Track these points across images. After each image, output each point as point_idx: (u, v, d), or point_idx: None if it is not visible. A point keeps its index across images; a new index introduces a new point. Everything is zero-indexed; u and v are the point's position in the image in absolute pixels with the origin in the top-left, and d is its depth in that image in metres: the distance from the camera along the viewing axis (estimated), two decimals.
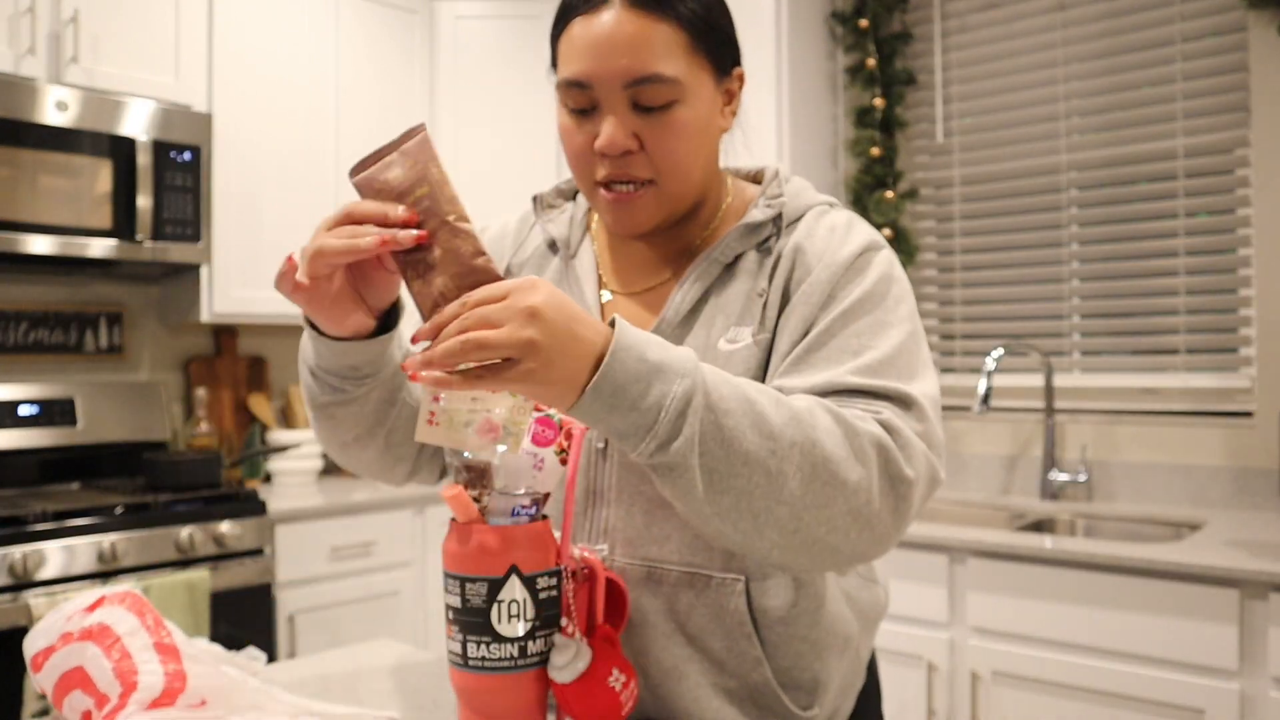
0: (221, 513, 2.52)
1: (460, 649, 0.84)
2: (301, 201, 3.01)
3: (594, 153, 0.96)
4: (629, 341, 0.78)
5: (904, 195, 3.04)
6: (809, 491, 0.80)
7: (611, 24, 0.91)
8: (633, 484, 0.97)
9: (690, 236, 1.06)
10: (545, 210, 1.14)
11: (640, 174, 0.95)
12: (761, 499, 0.79)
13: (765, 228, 1.01)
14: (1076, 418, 2.77)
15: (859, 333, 0.91)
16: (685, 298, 1.00)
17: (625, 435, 0.78)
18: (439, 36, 3.35)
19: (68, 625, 0.97)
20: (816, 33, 3.11)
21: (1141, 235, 2.72)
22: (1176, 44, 2.65)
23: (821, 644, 0.99)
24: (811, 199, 1.05)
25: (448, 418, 0.91)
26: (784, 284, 0.98)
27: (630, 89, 0.92)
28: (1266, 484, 2.46)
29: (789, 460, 0.79)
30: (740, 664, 0.96)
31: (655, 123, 0.94)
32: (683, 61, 0.93)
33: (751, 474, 0.78)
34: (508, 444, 0.89)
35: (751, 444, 0.78)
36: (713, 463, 0.78)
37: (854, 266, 0.96)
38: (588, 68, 0.93)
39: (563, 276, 1.09)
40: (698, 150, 0.97)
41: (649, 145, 0.94)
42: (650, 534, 0.97)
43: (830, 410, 0.83)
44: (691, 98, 0.95)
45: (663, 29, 0.92)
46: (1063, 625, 2.10)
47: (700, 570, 0.95)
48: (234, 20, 2.85)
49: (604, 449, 0.99)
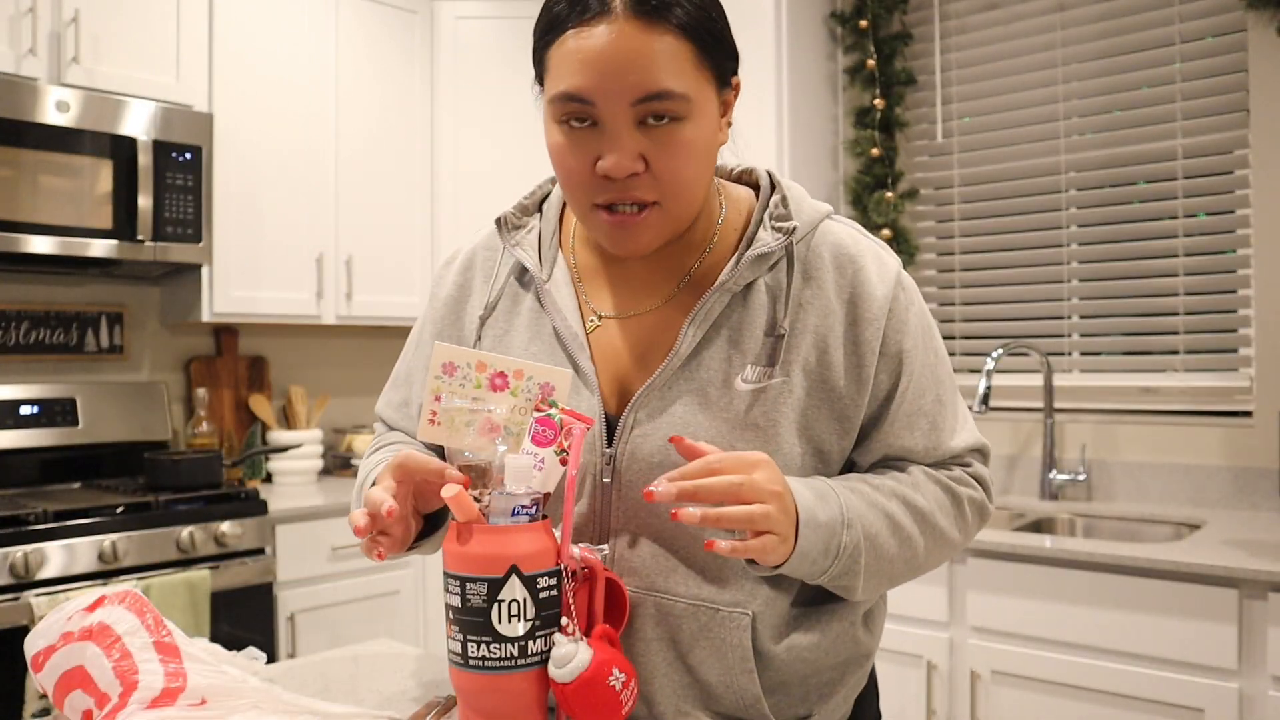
0: (222, 512, 2.52)
1: (460, 649, 0.85)
2: (302, 201, 3.01)
3: (594, 174, 0.90)
4: (806, 513, 0.89)
5: (904, 195, 3.04)
6: (930, 560, 1.01)
7: (616, 37, 0.86)
8: (640, 517, 0.96)
9: (685, 255, 1.01)
10: (511, 232, 1.06)
11: (646, 196, 0.91)
12: (901, 576, 0.99)
13: (775, 254, 0.98)
14: (1076, 418, 2.77)
15: (922, 390, 1.01)
16: (697, 331, 0.95)
17: (810, 576, 0.92)
18: (439, 36, 3.35)
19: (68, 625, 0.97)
20: (816, 33, 3.11)
21: (1141, 235, 2.72)
22: (1176, 44, 2.65)
23: (824, 678, 1.00)
24: (813, 214, 1.01)
25: (449, 418, 0.91)
26: (808, 325, 0.96)
27: (638, 106, 0.87)
28: (1266, 484, 2.46)
29: (920, 546, 0.98)
30: (739, 700, 0.96)
31: (661, 142, 0.89)
32: (689, 76, 0.89)
33: (894, 568, 0.97)
34: (508, 444, 0.90)
35: (894, 550, 0.96)
36: (871, 572, 0.95)
37: (893, 313, 0.98)
38: (590, 83, 0.87)
39: (538, 309, 1.03)
40: (702, 169, 0.93)
41: (655, 166, 0.89)
42: (657, 566, 0.95)
43: (939, 483, 1.01)
44: (698, 114, 0.90)
45: (668, 41, 0.87)
46: (1062, 625, 2.10)
47: (706, 604, 0.95)
48: (234, 20, 2.85)
49: (610, 483, 0.96)
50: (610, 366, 1.00)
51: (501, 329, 1.05)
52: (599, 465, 0.96)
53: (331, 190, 3.09)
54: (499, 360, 0.92)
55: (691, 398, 0.95)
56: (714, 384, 0.95)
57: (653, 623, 0.96)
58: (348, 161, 3.13)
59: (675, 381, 0.96)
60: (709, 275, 1.00)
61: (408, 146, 3.30)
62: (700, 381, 0.95)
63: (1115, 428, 2.70)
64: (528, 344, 1.02)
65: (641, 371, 0.98)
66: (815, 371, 0.96)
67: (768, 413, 0.94)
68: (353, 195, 3.15)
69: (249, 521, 2.55)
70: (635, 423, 0.95)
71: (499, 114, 3.33)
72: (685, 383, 0.95)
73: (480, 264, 1.10)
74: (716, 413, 0.94)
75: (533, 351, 1.01)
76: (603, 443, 0.97)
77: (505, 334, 1.04)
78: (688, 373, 0.96)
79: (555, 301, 1.02)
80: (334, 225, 3.10)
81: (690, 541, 0.95)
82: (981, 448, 1.06)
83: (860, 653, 1.03)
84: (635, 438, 0.95)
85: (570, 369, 0.95)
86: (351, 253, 3.13)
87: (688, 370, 0.96)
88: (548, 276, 1.04)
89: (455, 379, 0.91)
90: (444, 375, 0.91)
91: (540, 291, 1.03)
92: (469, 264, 1.11)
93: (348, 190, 3.14)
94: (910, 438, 1.00)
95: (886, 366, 0.98)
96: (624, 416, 0.96)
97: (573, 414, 0.89)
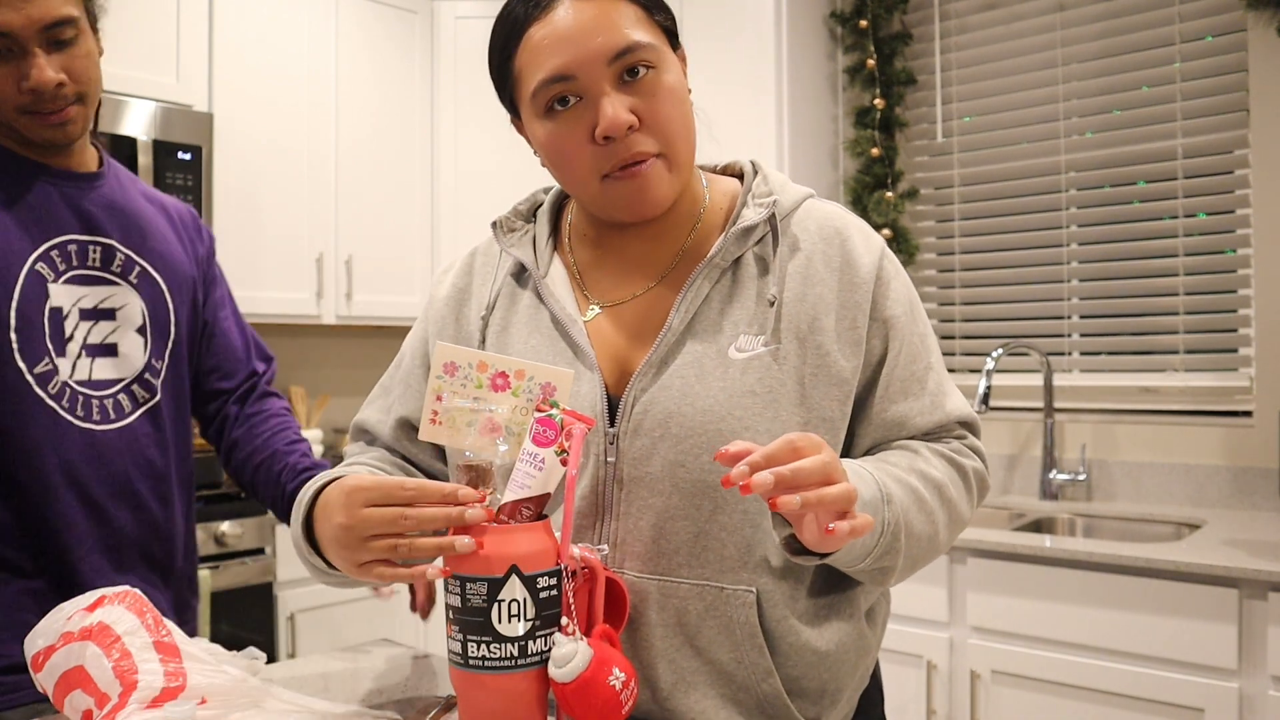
0: (222, 512, 2.52)
1: (460, 648, 0.85)
2: (302, 201, 3.01)
3: (593, 145, 0.94)
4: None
5: (904, 195, 3.04)
6: (947, 536, 1.01)
7: (573, 12, 0.93)
8: (642, 498, 0.96)
9: (672, 239, 1.04)
10: (506, 234, 1.10)
11: (647, 149, 0.95)
12: (924, 556, 0.99)
13: (759, 228, 1.01)
14: (1076, 417, 2.77)
15: (914, 356, 1.02)
16: (689, 305, 0.98)
17: (858, 559, 0.92)
18: (439, 36, 3.35)
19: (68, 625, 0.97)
20: (816, 33, 3.11)
21: (1141, 235, 2.72)
22: (1176, 44, 2.65)
23: (832, 655, 0.99)
24: (796, 194, 1.05)
25: (450, 418, 0.91)
26: (798, 293, 0.98)
27: (615, 64, 0.93)
28: (1266, 484, 2.47)
29: (941, 522, 0.98)
30: (750, 675, 0.96)
31: (646, 93, 0.94)
32: (648, 29, 0.96)
33: (921, 546, 0.96)
34: (509, 444, 0.90)
35: (922, 526, 0.96)
36: (909, 549, 0.94)
37: (880, 279, 1.00)
38: (566, 58, 0.93)
39: (536, 302, 1.05)
40: (687, 115, 0.99)
41: (646, 118, 0.94)
42: (659, 547, 0.96)
43: (944, 456, 1.02)
44: (668, 63, 0.97)
45: (618, 3, 0.94)
46: (1062, 625, 2.10)
47: (710, 583, 0.95)
48: (234, 20, 2.85)
49: (613, 463, 0.97)
50: (609, 348, 1.01)
51: (500, 325, 1.07)
52: (602, 445, 0.98)
53: (331, 190, 3.09)
54: (500, 360, 0.92)
55: (689, 370, 0.97)
56: (710, 355, 0.97)
57: (657, 608, 0.96)
58: (348, 161, 3.13)
59: (672, 356, 0.98)
60: (697, 254, 1.03)
61: (407, 146, 3.30)
62: (696, 354, 0.97)
63: (1115, 428, 2.71)
64: (527, 337, 1.04)
65: (639, 351, 1.00)
66: (809, 338, 0.98)
67: (764, 380, 0.96)
68: (353, 195, 3.15)
69: (249, 521, 2.55)
70: (636, 400, 0.97)
71: (499, 114, 3.31)
72: (682, 357, 0.98)
73: (479, 268, 1.13)
74: (713, 382, 0.96)
75: (532, 344, 1.03)
76: (605, 422, 0.98)
77: (504, 330, 1.06)
78: (683, 347, 0.98)
79: (553, 292, 1.04)
80: (334, 225, 3.10)
81: (692, 521, 0.95)
82: (973, 420, 1.07)
83: (863, 645, 1.03)
84: (636, 414, 0.97)
85: (570, 369, 0.96)
86: (351, 253, 3.13)
87: (683, 344, 0.98)
88: (545, 273, 1.06)
89: (457, 379, 0.91)
90: (445, 375, 0.91)
91: (538, 285, 1.05)
92: (467, 268, 1.14)
93: (348, 190, 3.14)
94: (907, 402, 1.01)
95: (878, 332, 1.00)
96: (625, 394, 0.98)
97: (574, 414, 0.89)
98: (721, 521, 0.95)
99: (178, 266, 1.44)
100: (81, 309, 1.31)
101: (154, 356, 1.38)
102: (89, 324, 1.31)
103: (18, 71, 1.23)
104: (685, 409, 0.95)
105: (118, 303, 1.35)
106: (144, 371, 1.36)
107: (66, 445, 1.27)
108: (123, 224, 1.37)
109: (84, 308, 1.31)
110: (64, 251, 1.30)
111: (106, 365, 1.32)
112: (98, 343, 1.32)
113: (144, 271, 1.38)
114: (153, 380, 1.38)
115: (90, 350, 1.31)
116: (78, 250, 1.32)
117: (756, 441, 0.88)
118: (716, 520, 0.95)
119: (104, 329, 1.33)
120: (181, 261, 1.45)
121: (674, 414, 0.95)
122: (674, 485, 0.95)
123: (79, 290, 1.31)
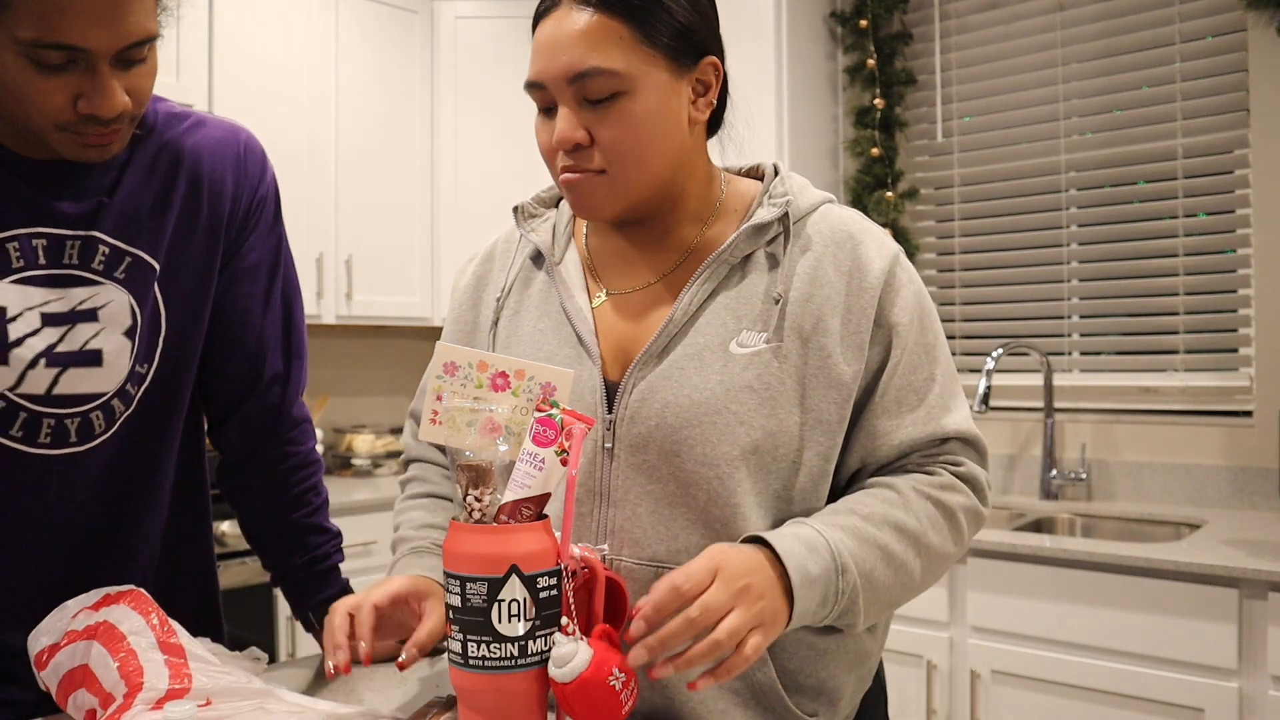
0: (222, 512, 2.51)
1: (460, 648, 0.85)
2: (301, 201, 3.01)
3: (555, 151, 0.99)
4: (798, 575, 0.88)
5: (904, 195, 3.04)
6: (926, 579, 1.00)
7: (557, 24, 0.96)
8: (639, 484, 0.97)
9: (684, 234, 1.05)
10: (527, 220, 1.13)
11: (589, 166, 0.97)
12: (899, 600, 0.99)
13: (772, 227, 1.01)
14: (1076, 417, 2.77)
15: (915, 366, 1.01)
16: (694, 297, 0.99)
17: (813, 624, 0.94)
18: (439, 36, 3.35)
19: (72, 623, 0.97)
20: (816, 33, 3.11)
21: (1141, 235, 2.72)
22: (1176, 44, 2.65)
23: (829, 651, 1.00)
24: (814, 197, 1.06)
25: (451, 417, 0.91)
26: (805, 293, 0.98)
27: (574, 84, 0.94)
28: (1266, 483, 2.47)
29: (915, 570, 0.98)
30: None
31: (603, 116, 0.95)
32: (628, 54, 0.94)
33: (892, 595, 0.97)
34: (509, 444, 0.90)
35: (890, 580, 0.96)
36: (870, 606, 0.95)
37: (889, 285, 1.00)
38: (539, 68, 0.96)
39: (549, 286, 1.08)
40: (651, 140, 0.97)
41: (597, 138, 0.96)
42: (657, 534, 0.97)
43: (929, 498, 0.99)
44: (641, 89, 0.95)
45: (603, 22, 0.94)
46: (1062, 624, 2.10)
47: None
48: (234, 20, 2.85)
49: (610, 449, 0.98)
50: (613, 335, 1.03)
51: (514, 308, 1.09)
52: (600, 431, 0.99)
53: (331, 190, 3.09)
54: (501, 360, 0.92)
55: (689, 362, 0.98)
56: (710, 348, 0.98)
57: None
58: (347, 161, 3.13)
59: (673, 346, 0.99)
60: (708, 249, 1.04)
61: (408, 146, 3.30)
62: (697, 346, 0.98)
63: (1115, 427, 2.71)
64: (536, 320, 1.06)
65: (642, 339, 1.01)
66: (812, 339, 0.98)
67: (763, 377, 0.96)
68: (352, 195, 3.15)
69: None
70: (634, 387, 0.98)
71: (499, 114, 3.33)
72: (683, 347, 0.98)
73: (499, 255, 1.16)
74: (712, 375, 0.97)
75: (540, 328, 1.05)
76: (603, 409, 0.99)
77: (517, 313, 1.09)
78: (685, 337, 0.99)
79: (564, 279, 1.06)
80: (334, 225, 3.10)
81: (689, 509, 0.96)
82: (975, 440, 1.05)
83: (861, 649, 1.03)
84: (634, 401, 0.98)
85: (571, 367, 0.96)
86: (351, 253, 3.13)
87: (685, 335, 0.99)
88: (559, 259, 1.09)
89: (457, 379, 0.92)
90: (445, 375, 0.92)
91: (551, 270, 1.07)
92: (489, 255, 1.17)
93: (347, 190, 3.14)
94: (900, 412, 1.00)
95: (880, 338, 1.00)
96: (623, 381, 0.99)
97: (574, 414, 0.89)
98: (716, 512, 0.96)
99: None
100: (44, 313, 1.06)
101: (139, 362, 1.14)
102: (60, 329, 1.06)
103: (75, 86, 0.99)
104: (682, 399, 0.96)
105: (98, 302, 1.11)
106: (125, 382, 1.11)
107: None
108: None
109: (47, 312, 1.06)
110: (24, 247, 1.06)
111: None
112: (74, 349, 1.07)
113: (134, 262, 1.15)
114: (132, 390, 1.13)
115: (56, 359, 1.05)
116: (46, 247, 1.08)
117: (751, 436, 0.95)
118: (712, 510, 0.95)
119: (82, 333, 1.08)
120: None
121: (670, 403, 0.96)
122: (670, 473, 0.96)
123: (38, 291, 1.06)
